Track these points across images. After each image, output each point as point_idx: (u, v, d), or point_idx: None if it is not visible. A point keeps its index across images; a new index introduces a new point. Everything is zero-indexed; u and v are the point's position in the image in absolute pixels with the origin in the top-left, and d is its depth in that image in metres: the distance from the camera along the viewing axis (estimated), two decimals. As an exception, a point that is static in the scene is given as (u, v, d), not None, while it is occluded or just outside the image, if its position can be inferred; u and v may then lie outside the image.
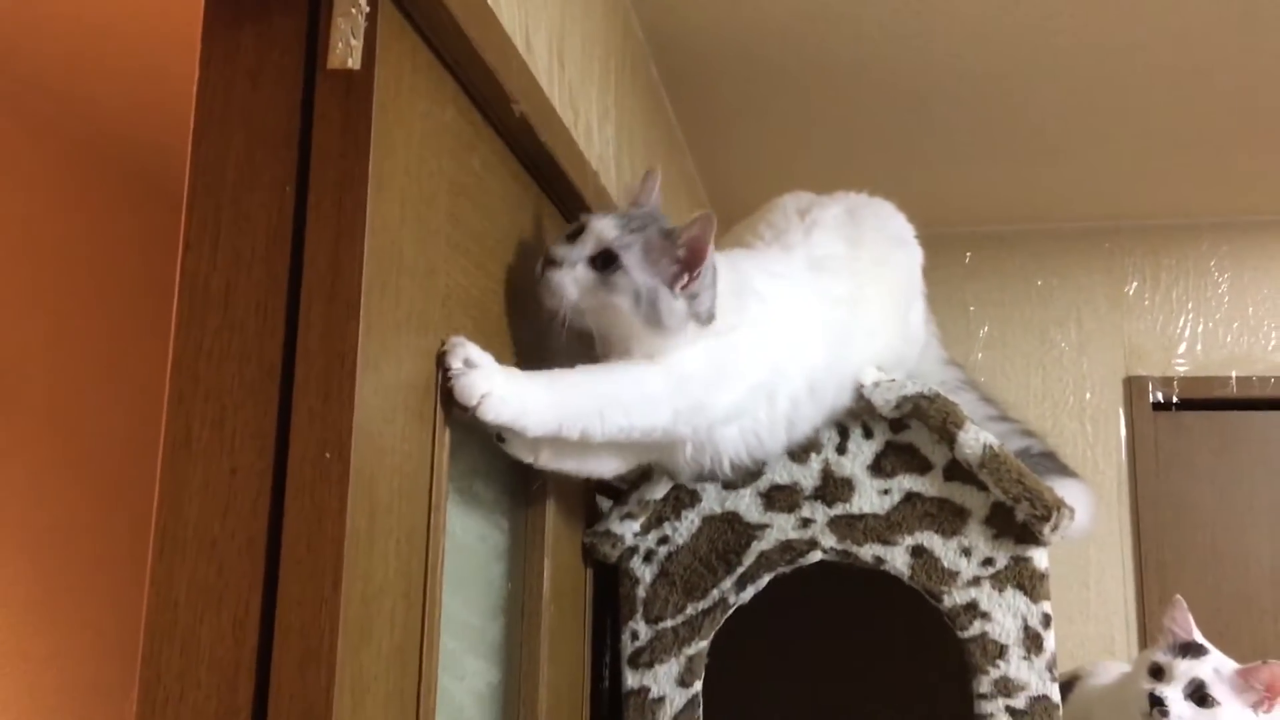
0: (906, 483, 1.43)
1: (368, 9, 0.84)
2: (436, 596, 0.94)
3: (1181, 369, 2.53)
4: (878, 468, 1.45)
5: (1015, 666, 1.38)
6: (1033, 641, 1.38)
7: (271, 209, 0.84)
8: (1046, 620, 1.38)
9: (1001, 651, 1.38)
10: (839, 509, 1.44)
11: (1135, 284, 2.58)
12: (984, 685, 1.38)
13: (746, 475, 1.45)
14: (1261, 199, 2.46)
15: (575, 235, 1.18)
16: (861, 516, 1.44)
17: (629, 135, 1.70)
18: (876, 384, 1.43)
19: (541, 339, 1.23)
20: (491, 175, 1.11)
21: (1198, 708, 1.49)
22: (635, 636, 1.46)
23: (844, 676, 1.74)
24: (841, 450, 1.46)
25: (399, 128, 0.88)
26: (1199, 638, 1.59)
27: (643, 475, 1.46)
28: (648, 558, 1.47)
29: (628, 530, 1.47)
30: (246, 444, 0.81)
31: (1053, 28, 1.78)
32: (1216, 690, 1.50)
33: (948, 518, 1.42)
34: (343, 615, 0.77)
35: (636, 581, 1.47)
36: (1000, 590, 1.39)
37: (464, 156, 1.03)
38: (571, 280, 1.15)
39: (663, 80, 1.94)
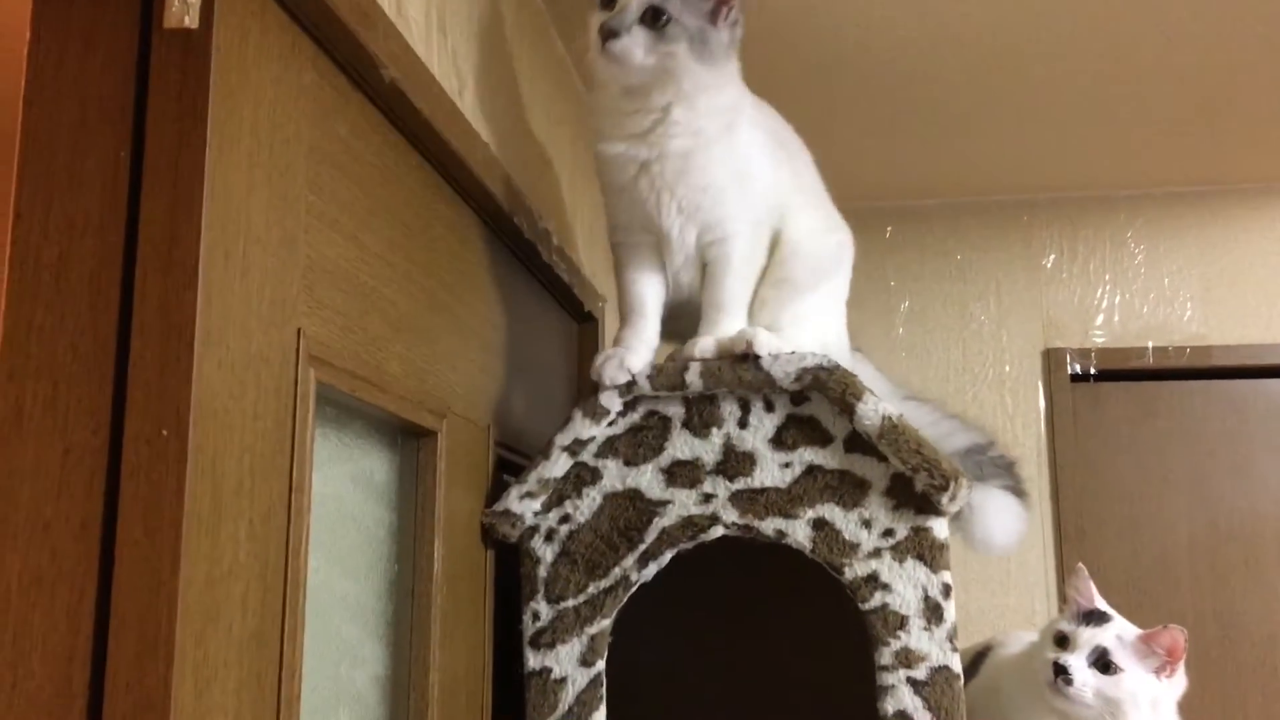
0: (807, 455, 1.42)
1: (205, -35, 0.80)
2: (300, 580, 0.91)
3: (1099, 340, 2.54)
4: (779, 441, 1.43)
5: (916, 637, 1.37)
6: (933, 612, 1.37)
7: (106, 175, 0.80)
8: (947, 590, 1.37)
9: (902, 623, 1.37)
10: (740, 483, 1.42)
11: (1053, 257, 2.59)
12: (885, 657, 1.37)
13: (645, 451, 1.43)
14: (1175, 171, 2.48)
15: (609, 3, 1.30)
16: (763, 490, 1.42)
17: (530, 104, 1.67)
18: (776, 356, 1.41)
19: (432, 300, 1.20)
20: (363, 143, 1.07)
21: (1101, 674, 1.50)
22: (536, 617, 1.43)
23: (752, 653, 1.73)
24: (743, 424, 1.44)
25: (244, 90, 0.84)
26: (1102, 605, 1.59)
27: (540, 453, 1.43)
28: (549, 536, 1.45)
29: (528, 509, 1.44)
30: (80, 422, 0.77)
31: (961, 6, 1.77)
32: (1119, 656, 1.50)
33: (848, 490, 1.40)
34: (182, 601, 0.74)
35: (538, 561, 1.44)
36: (901, 561, 1.38)
37: (328, 123, 1.00)
38: (633, 44, 1.27)
39: (570, 54, 1.91)
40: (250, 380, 0.84)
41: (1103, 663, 1.50)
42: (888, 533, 1.39)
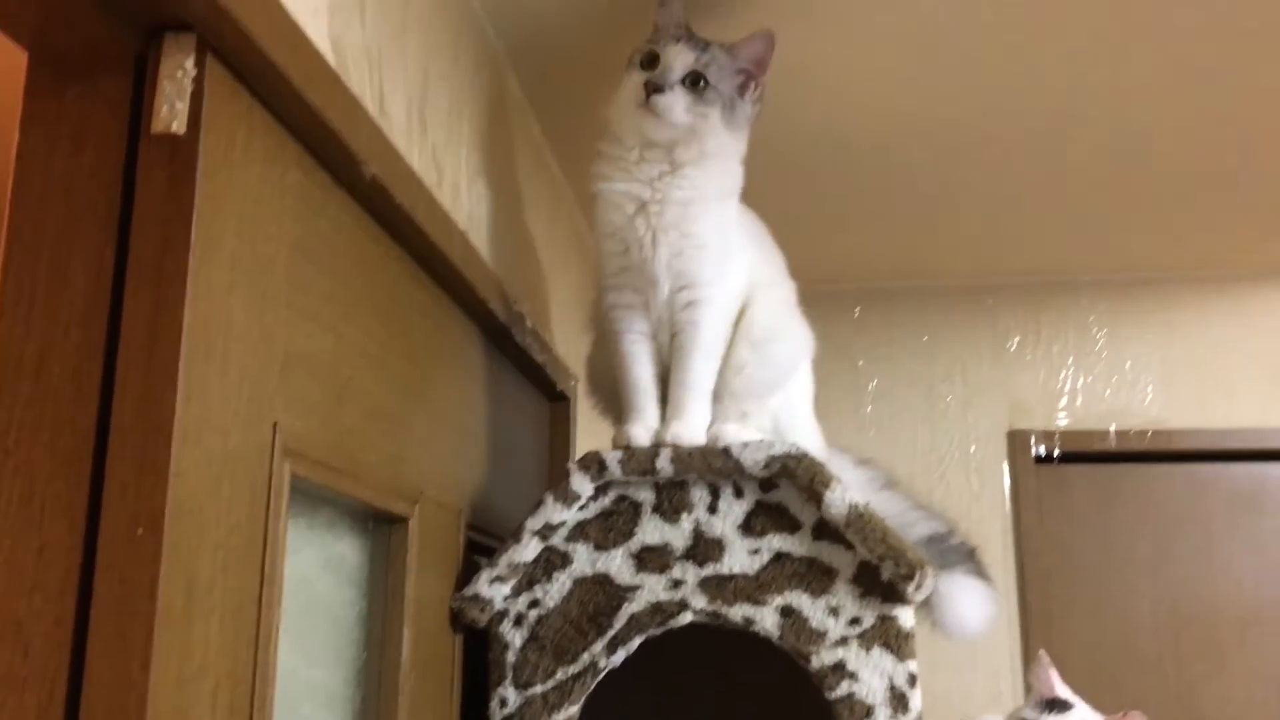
0: (776, 542, 1.43)
1: (194, 72, 0.82)
2: (269, 674, 0.91)
3: (1063, 423, 2.58)
4: (748, 527, 1.44)
5: (882, 728, 1.38)
6: (899, 701, 1.38)
7: (90, 274, 0.81)
8: (912, 680, 1.38)
9: (868, 712, 1.38)
10: (709, 569, 1.44)
11: (1017, 339, 2.64)
12: (852, 748, 1.37)
13: (615, 536, 1.45)
14: (1137, 257, 2.54)
15: (651, 63, 1.42)
16: (731, 577, 1.43)
17: (508, 191, 1.70)
18: (745, 444, 1.43)
19: (411, 388, 1.21)
20: (343, 237, 1.09)
21: (1062, 763, 1.51)
22: (504, 703, 1.43)
23: None
24: (713, 510, 1.45)
25: (229, 192, 0.86)
26: (1062, 693, 1.61)
27: (511, 537, 1.44)
28: (518, 621, 1.45)
29: (497, 593, 1.44)
30: (56, 520, 0.78)
31: (929, 98, 1.82)
32: (1079, 747, 1.51)
33: (816, 577, 1.42)
34: (152, 702, 0.74)
35: (506, 646, 1.44)
36: (867, 650, 1.39)
37: (310, 219, 1.02)
38: (675, 101, 1.39)
39: (547, 141, 1.95)
40: (226, 476, 0.85)
41: (1063, 752, 1.51)
42: (854, 621, 1.40)
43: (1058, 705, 1.57)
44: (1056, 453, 2.57)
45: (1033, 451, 2.56)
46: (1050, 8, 1.57)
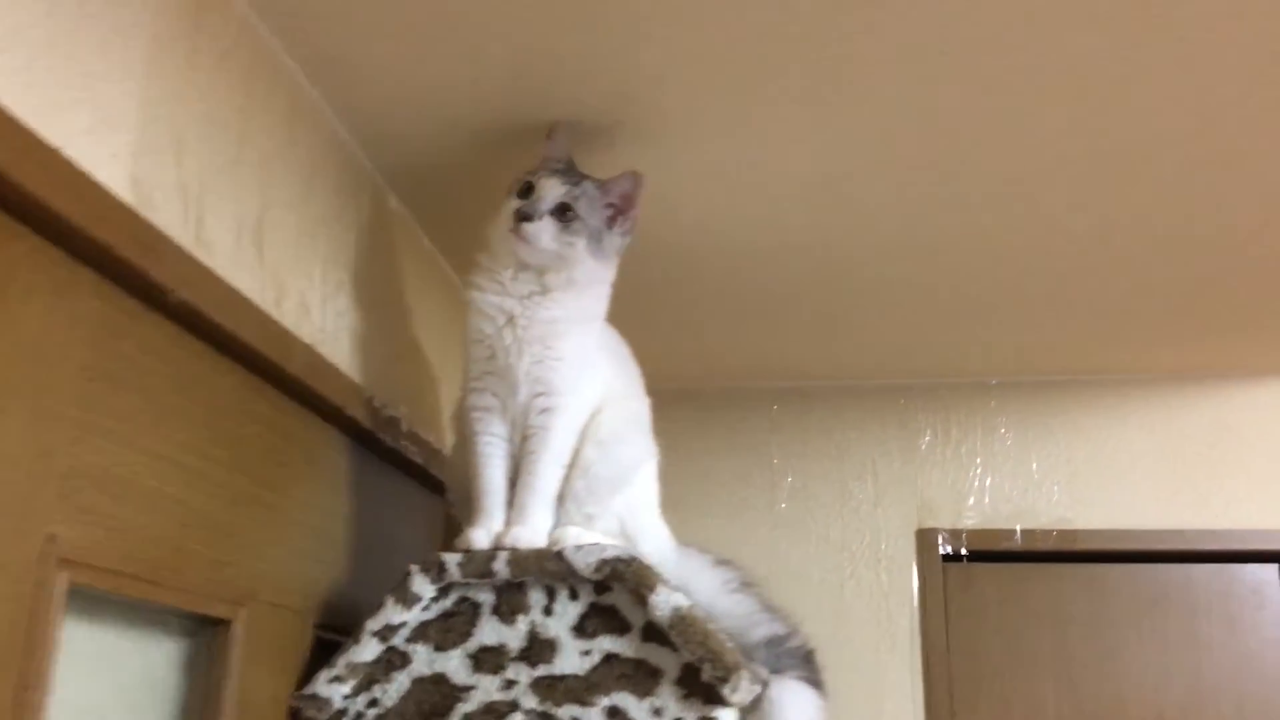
0: (606, 643, 1.49)
1: (-37, 220, 0.91)
2: None
3: (970, 522, 2.63)
4: (581, 629, 1.50)
5: (699, 831, 1.41)
6: (716, 805, 1.42)
7: None
8: (730, 784, 1.42)
9: (686, 816, 1.42)
10: (541, 670, 1.49)
11: (928, 439, 2.70)
12: None
13: (454, 636, 1.51)
14: (1043, 360, 2.60)
15: (526, 193, 1.53)
16: (563, 677, 1.48)
17: (384, 303, 1.78)
18: (579, 547, 1.49)
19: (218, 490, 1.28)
20: (154, 357, 1.17)
21: None
22: (338, 804, 1.48)
23: None
24: (548, 612, 1.51)
25: (5, 324, 0.95)
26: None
27: (351, 638, 1.50)
28: None
29: (336, 693, 1.50)
30: None
31: (827, 204, 1.88)
32: None
33: (642, 678, 1.47)
34: None
35: (345, 747, 1.50)
36: (688, 751, 1.44)
37: (111, 343, 1.10)
38: (543, 229, 1.50)
39: (439, 251, 2.04)
40: (-17, 586, 0.92)
41: None
42: (677, 723, 1.45)
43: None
44: (964, 551, 2.61)
45: (940, 550, 2.61)
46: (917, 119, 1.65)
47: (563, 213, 1.54)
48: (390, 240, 1.83)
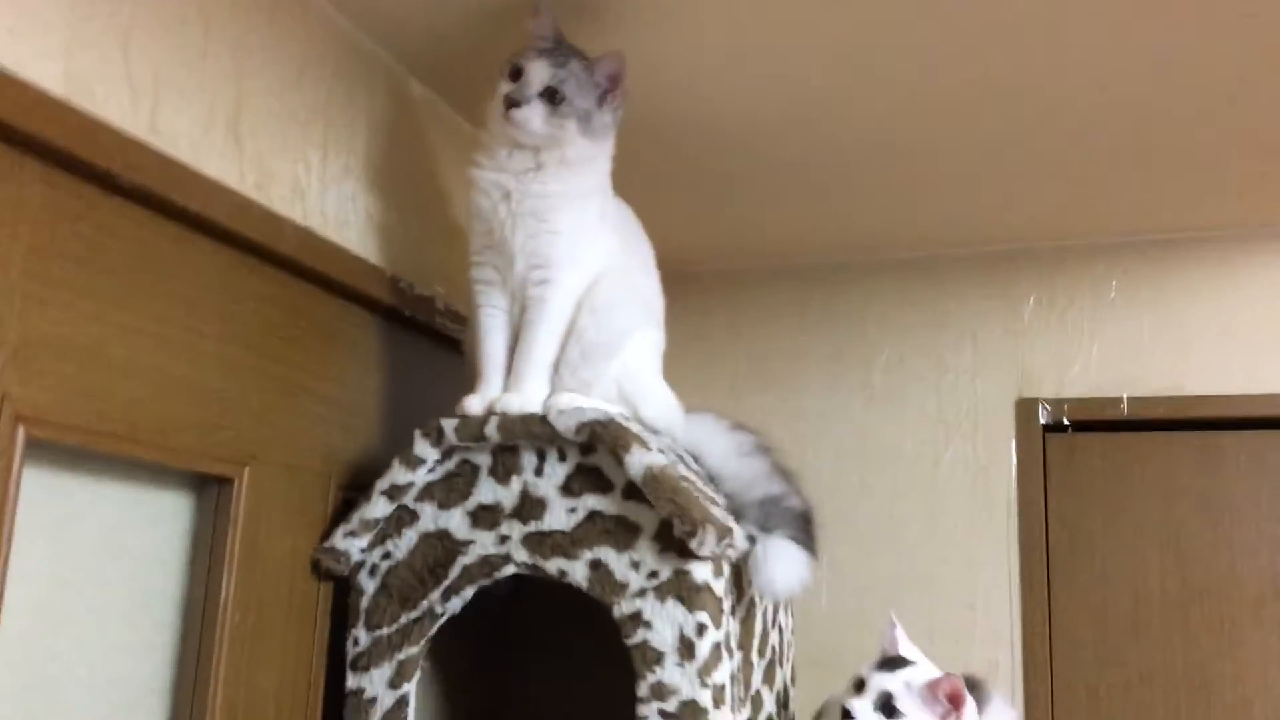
0: (591, 501, 1.55)
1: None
2: None
3: (1075, 390, 2.51)
4: (568, 488, 1.56)
5: (669, 672, 1.47)
6: (686, 649, 1.47)
7: None
8: (700, 629, 1.47)
9: (659, 658, 1.48)
10: (532, 526, 1.57)
11: (1031, 306, 2.58)
12: (643, 689, 1.48)
13: (456, 495, 1.60)
14: (1155, 218, 2.43)
15: (516, 75, 1.57)
16: (550, 533, 1.56)
17: (412, 186, 1.86)
18: (561, 411, 1.55)
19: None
20: (117, 238, 1.29)
21: (885, 718, 1.55)
22: (356, 642, 1.61)
23: (552, 683, 1.88)
24: (539, 473, 1.58)
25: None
26: (905, 652, 1.64)
27: (363, 496, 1.62)
28: (372, 571, 1.63)
29: (354, 546, 1.63)
30: None
31: (885, 66, 1.82)
32: (903, 702, 1.55)
33: (622, 533, 1.52)
34: None
35: (361, 593, 1.63)
36: (662, 601, 1.49)
37: (64, 224, 1.22)
38: (532, 113, 1.55)
39: (441, 95, 2.02)
40: (-76, 435, 1.06)
41: (888, 708, 1.56)
42: (653, 574, 1.50)
43: (894, 663, 1.61)
44: (1066, 421, 2.50)
45: (1042, 420, 2.51)
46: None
47: (551, 95, 1.57)
48: (417, 126, 1.90)
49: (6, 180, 1.16)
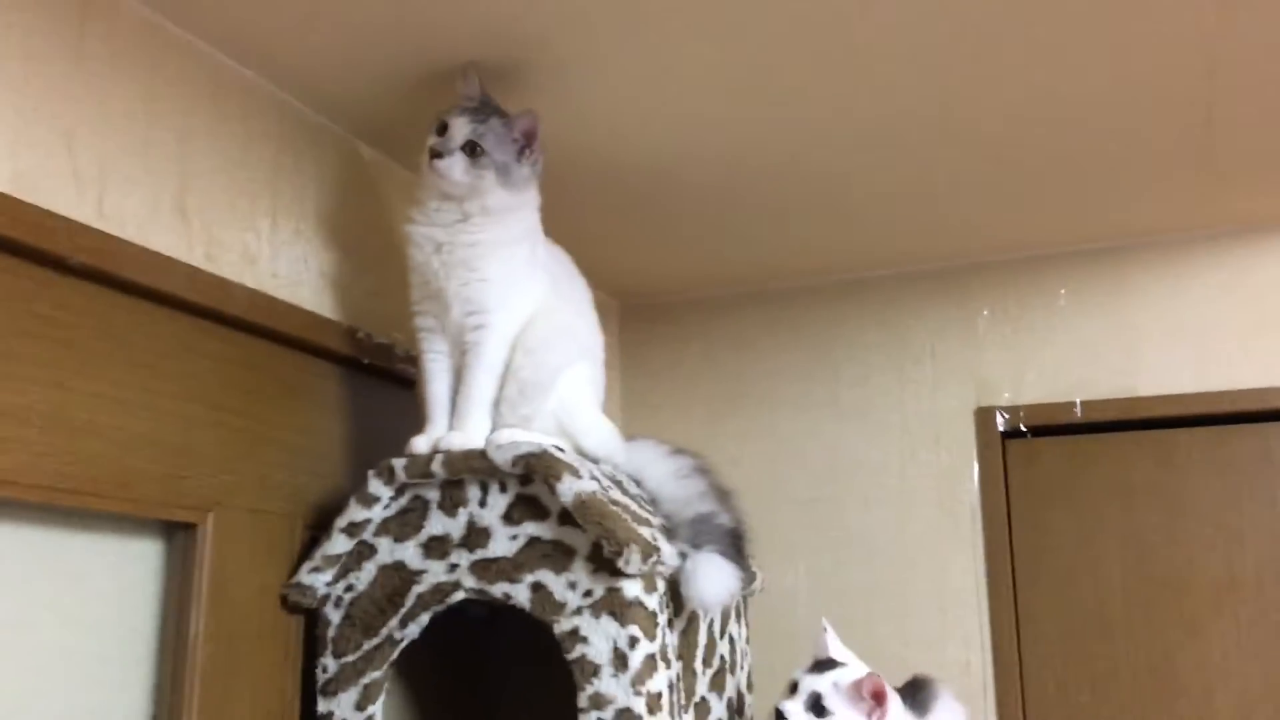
0: (530, 528, 1.67)
1: None
2: None
3: (1030, 397, 2.60)
4: (509, 517, 1.68)
5: (606, 683, 1.58)
6: (620, 661, 1.58)
7: None
8: (633, 642, 1.58)
9: (596, 670, 1.59)
10: (478, 554, 1.69)
11: (985, 317, 2.67)
12: (583, 700, 1.59)
13: (409, 529, 1.73)
14: (1099, 227, 2.52)
15: (442, 130, 1.71)
16: (495, 559, 1.68)
17: (367, 241, 2.00)
18: (499, 445, 1.68)
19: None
20: (72, 313, 1.43)
21: (816, 718, 1.65)
22: (325, 670, 1.74)
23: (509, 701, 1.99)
24: (483, 504, 1.70)
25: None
26: (835, 654, 1.74)
27: (324, 534, 1.75)
28: (337, 603, 1.75)
29: (319, 580, 1.76)
30: None
31: (849, 97, 1.93)
32: (831, 701, 1.65)
33: (559, 556, 1.64)
34: None
35: (328, 624, 1.75)
36: (597, 617, 1.60)
37: (22, 305, 1.37)
38: (454, 164, 1.69)
39: (389, 155, 2.14)
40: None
41: (817, 707, 1.65)
42: (588, 593, 1.62)
43: (825, 665, 1.71)
44: (1023, 427, 2.59)
45: (1000, 427, 2.60)
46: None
47: (472, 149, 1.70)
48: (368, 184, 2.04)
49: (-36, 272, 1.31)
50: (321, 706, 1.73)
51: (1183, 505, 2.47)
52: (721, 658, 1.89)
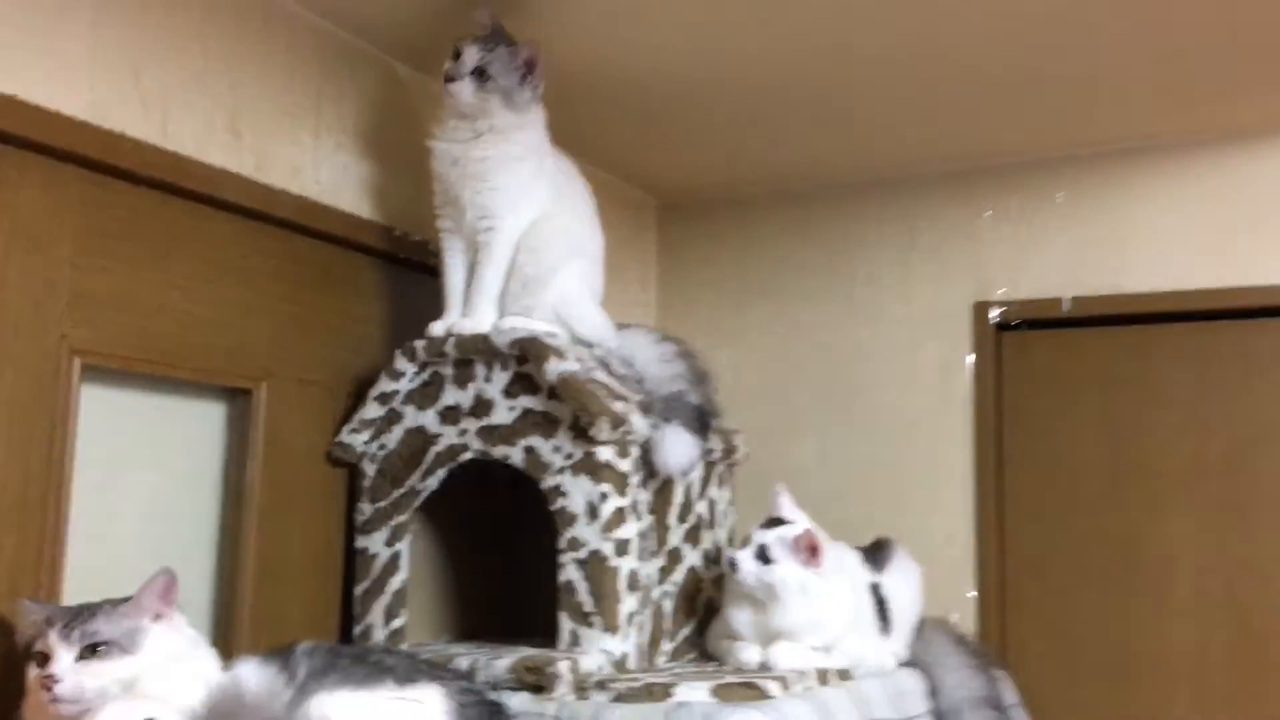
0: (525, 401, 1.98)
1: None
2: (61, 505, 1.63)
3: (1025, 293, 2.80)
4: (508, 391, 1.99)
5: (580, 530, 1.90)
6: (592, 511, 1.89)
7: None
8: (603, 497, 1.89)
9: (573, 519, 1.91)
10: (484, 421, 2.01)
11: (988, 217, 2.85)
12: (562, 543, 1.91)
13: (428, 399, 2.05)
14: (1093, 134, 2.67)
15: (456, 56, 1.97)
16: (497, 426, 2.00)
17: (405, 151, 2.28)
18: (501, 330, 1.98)
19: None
20: (145, 218, 1.77)
21: (762, 564, 1.94)
22: (362, 513, 2.10)
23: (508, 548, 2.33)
24: (487, 380, 2.02)
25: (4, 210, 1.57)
26: (786, 514, 2.01)
27: (361, 401, 2.09)
28: (372, 459, 2.10)
29: (357, 440, 2.10)
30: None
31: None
32: (775, 552, 1.94)
33: (548, 425, 1.95)
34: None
35: (365, 476, 2.10)
36: (575, 476, 1.91)
37: (100, 211, 1.70)
38: (464, 88, 1.96)
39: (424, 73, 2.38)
40: (14, 368, 1.57)
41: (763, 556, 1.95)
42: (569, 456, 1.93)
43: (775, 522, 2.00)
44: (1016, 320, 2.80)
45: (994, 320, 2.81)
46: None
47: (480, 74, 1.97)
48: (405, 101, 2.32)
49: (52, 187, 1.65)
50: (359, 543, 2.09)
51: (1157, 396, 2.67)
52: (699, 516, 2.19)
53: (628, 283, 3.14)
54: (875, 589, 2.19)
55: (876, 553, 2.27)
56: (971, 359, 2.84)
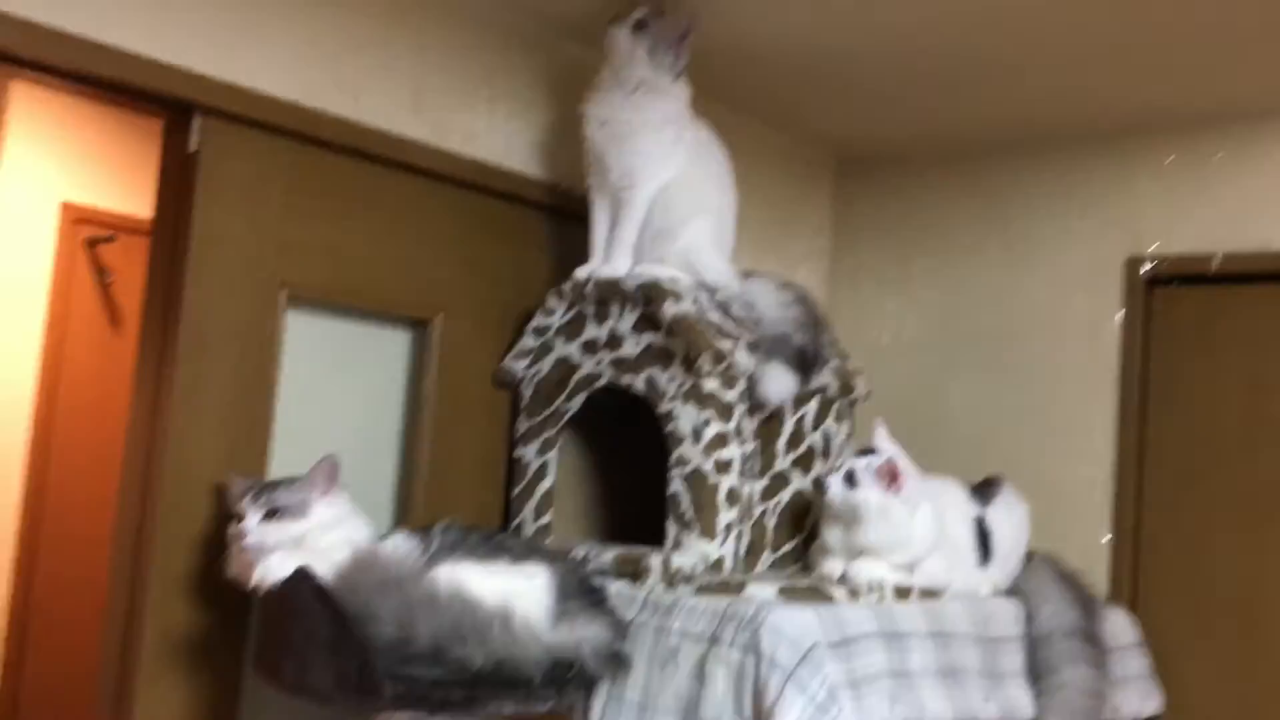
0: (648, 337, 2.29)
1: (200, 123, 2.00)
2: (267, 415, 2.10)
3: (1177, 249, 2.83)
4: (635, 328, 2.32)
5: (687, 450, 2.21)
6: (696, 435, 2.20)
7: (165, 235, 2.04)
8: (706, 422, 2.19)
9: (680, 440, 2.22)
10: (615, 354, 2.34)
11: (1145, 175, 2.89)
12: (671, 461, 2.23)
13: (573, 333, 2.40)
14: (1258, 91, 2.68)
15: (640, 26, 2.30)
16: (625, 358, 2.32)
17: (568, 119, 2.63)
18: (630, 276, 2.30)
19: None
20: (345, 181, 2.21)
21: (848, 488, 2.19)
22: (519, 428, 2.49)
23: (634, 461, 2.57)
24: (620, 317, 2.34)
25: (227, 176, 2.03)
26: (879, 445, 2.23)
27: (520, 334, 2.47)
28: (529, 382, 2.48)
29: (518, 366, 2.49)
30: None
31: None
32: (860, 477, 2.17)
33: (665, 359, 2.26)
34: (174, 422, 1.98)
35: (522, 397, 2.49)
36: (684, 403, 2.22)
37: (304, 176, 2.15)
38: (621, 32, 2.29)
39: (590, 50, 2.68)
40: (235, 299, 2.04)
41: (850, 479, 2.19)
42: (681, 385, 2.23)
43: (866, 451, 2.23)
44: (1167, 275, 2.84)
45: (1145, 275, 2.87)
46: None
47: (640, 25, 2.29)
48: (570, 75, 2.65)
49: (265, 153, 2.10)
50: (517, 451, 2.49)
51: (1305, 355, 2.67)
52: (810, 446, 2.45)
53: (802, 233, 3.38)
54: (979, 522, 2.39)
55: (984, 489, 2.46)
56: (1121, 312, 2.91)
